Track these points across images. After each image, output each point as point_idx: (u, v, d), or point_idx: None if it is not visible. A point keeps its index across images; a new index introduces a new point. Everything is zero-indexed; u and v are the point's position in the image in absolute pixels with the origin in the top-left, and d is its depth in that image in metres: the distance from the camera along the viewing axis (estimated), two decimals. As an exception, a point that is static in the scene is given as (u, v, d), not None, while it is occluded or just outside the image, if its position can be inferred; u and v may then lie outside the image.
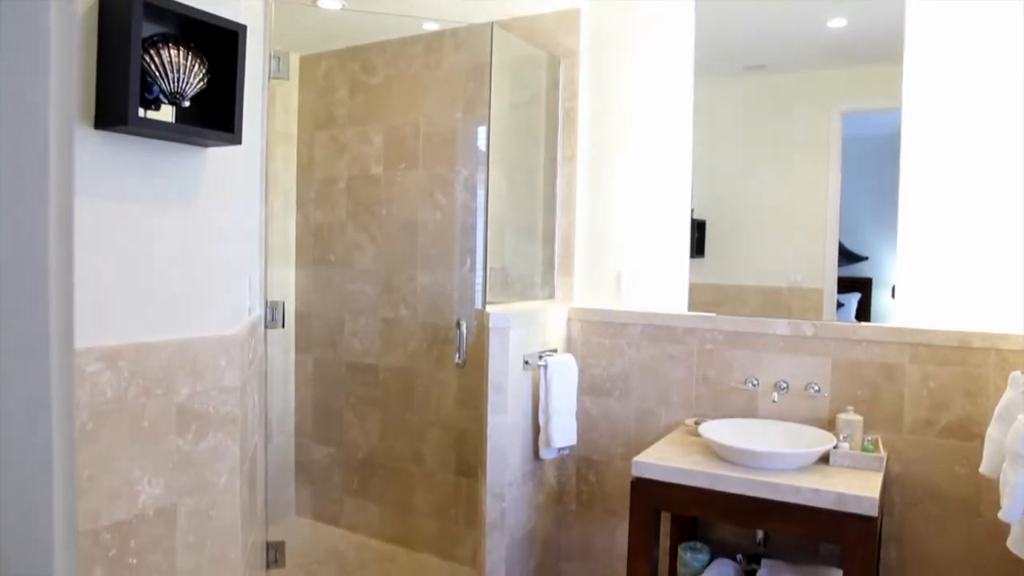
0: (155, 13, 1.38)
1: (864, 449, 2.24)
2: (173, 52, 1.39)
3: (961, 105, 2.28)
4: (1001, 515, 1.74)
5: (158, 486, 1.52)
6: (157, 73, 1.38)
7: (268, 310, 2.50)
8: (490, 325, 2.50)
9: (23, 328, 1.38)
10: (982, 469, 1.99)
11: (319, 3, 2.86)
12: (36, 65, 1.35)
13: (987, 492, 2.22)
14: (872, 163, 2.45)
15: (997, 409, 1.95)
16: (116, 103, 1.33)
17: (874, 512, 1.94)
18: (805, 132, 2.55)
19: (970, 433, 2.25)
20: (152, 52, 1.37)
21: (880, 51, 2.40)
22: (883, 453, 2.25)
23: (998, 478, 1.85)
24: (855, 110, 2.51)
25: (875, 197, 2.45)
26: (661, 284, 2.78)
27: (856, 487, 2.01)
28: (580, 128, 2.90)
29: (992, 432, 1.95)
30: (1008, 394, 1.93)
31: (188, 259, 1.59)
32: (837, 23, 2.49)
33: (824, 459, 2.22)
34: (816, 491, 2.01)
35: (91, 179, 1.38)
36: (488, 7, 2.86)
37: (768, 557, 2.47)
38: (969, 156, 2.27)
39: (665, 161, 2.76)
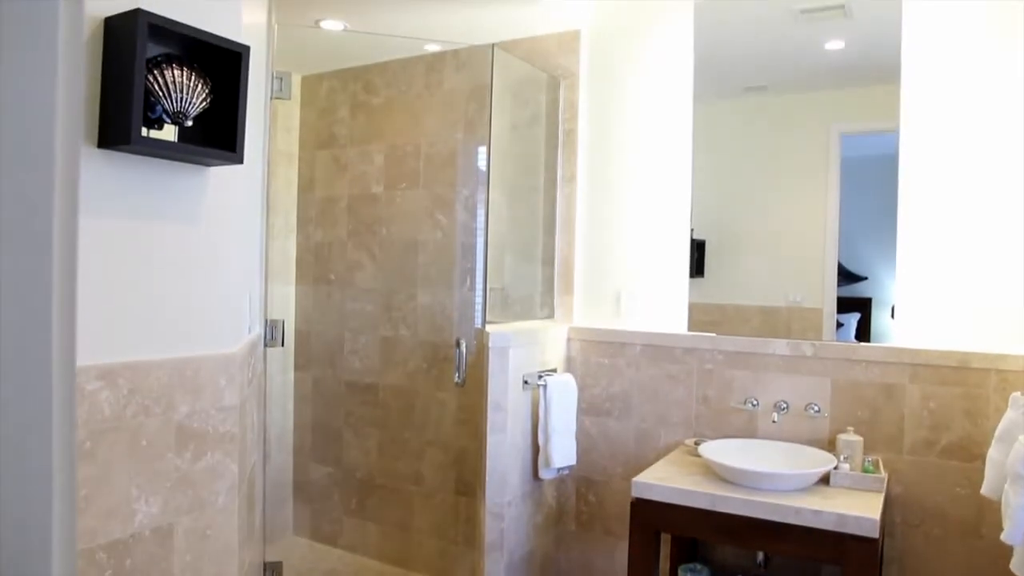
0: (160, 34, 1.39)
1: (864, 470, 2.23)
2: (177, 72, 1.41)
3: (958, 125, 2.29)
4: (1003, 537, 1.73)
5: (155, 505, 1.52)
6: (160, 93, 1.39)
7: (268, 328, 2.51)
8: (490, 344, 2.50)
9: (26, 346, 1.38)
10: (983, 490, 1.98)
11: (322, 24, 2.89)
12: (44, 86, 1.36)
13: (989, 514, 2.21)
14: (871, 183, 2.46)
15: (998, 430, 1.95)
16: (120, 122, 1.34)
17: (875, 533, 1.93)
18: (804, 153, 2.56)
19: (971, 454, 2.25)
20: (156, 72, 1.38)
21: (877, 73, 2.42)
22: (884, 474, 2.24)
23: (1000, 499, 1.84)
24: (853, 131, 2.52)
25: (874, 217, 2.45)
26: (661, 304, 2.78)
27: (857, 508, 2.00)
28: (580, 148, 2.92)
29: (993, 453, 1.94)
30: (1009, 415, 1.92)
31: (189, 277, 1.59)
32: (835, 45, 2.52)
33: (824, 480, 2.21)
34: (817, 512, 2.00)
35: (93, 197, 1.39)
36: (489, 29, 2.89)
37: (769, 579, 2.46)
38: (967, 176, 2.28)
39: (665, 181, 2.77)
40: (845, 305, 2.50)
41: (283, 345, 3.28)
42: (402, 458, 3.34)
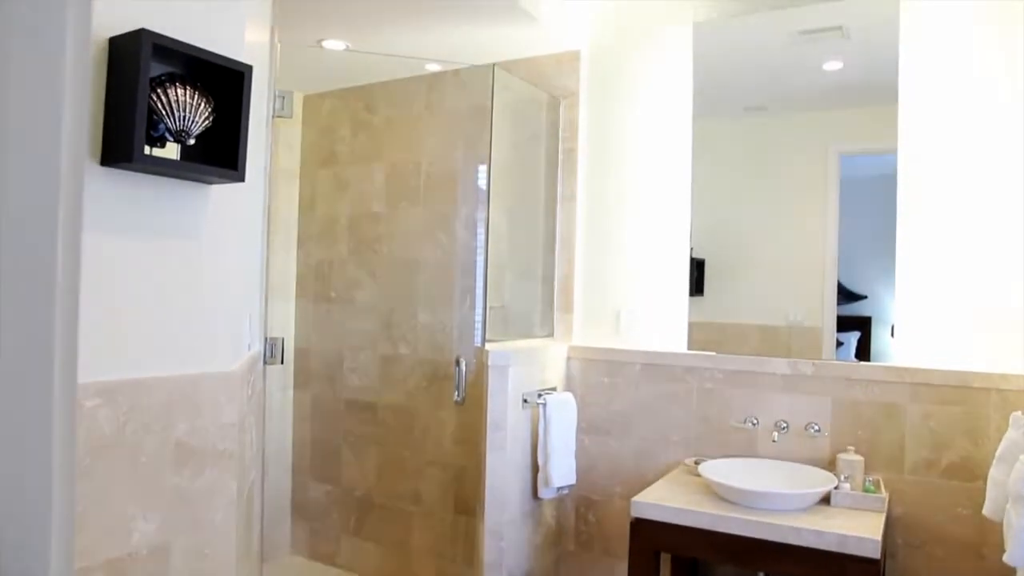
0: (163, 53, 1.40)
1: (865, 490, 2.23)
2: (180, 91, 1.41)
3: (957, 145, 2.31)
4: (1006, 558, 1.72)
5: (153, 523, 1.51)
6: (164, 112, 1.40)
7: (268, 346, 2.50)
8: (489, 363, 2.50)
9: (27, 362, 1.38)
10: (985, 511, 1.97)
11: (324, 44, 2.91)
12: (49, 104, 1.37)
13: (990, 534, 2.20)
14: (869, 203, 2.47)
15: (999, 450, 1.94)
16: (123, 140, 1.35)
17: (876, 554, 1.92)
18: (803, 172, 2.58)
19: (972, 474, 2.24)
20: (159, 91, 1.39)
21: (876, 93, 2.43)
22: (884, 494, 2.23)
23: (1001, 520, 1.83)
24: (852, 151, 2.54)
25: (873, 236, 2.46)
26: (661, 322, 2.78)
27: (858, 528, 1.99)
28: (580, 167, 2.93)
29: (994, 473, 1.93)
30: (1009, 435, 1.92)
31: (189, 295, 1.59)
32: (833, 66, 2.54)
33: (825, 500, 2.20)
34: (817, 532, 1.99)
35: (96, 214, 1.39)
36: (490, 49, 2.91)
37: (770, 600, 2.44)
38: (965, 195, 2.29)
39: (664, 200, 2.78)
40: (845, 324, 2.50)
41: (283, 363, 3.27)
42: (401, 477, 3.32)
